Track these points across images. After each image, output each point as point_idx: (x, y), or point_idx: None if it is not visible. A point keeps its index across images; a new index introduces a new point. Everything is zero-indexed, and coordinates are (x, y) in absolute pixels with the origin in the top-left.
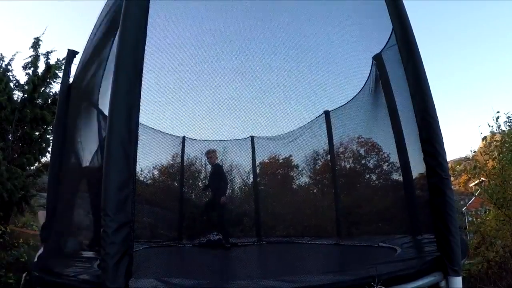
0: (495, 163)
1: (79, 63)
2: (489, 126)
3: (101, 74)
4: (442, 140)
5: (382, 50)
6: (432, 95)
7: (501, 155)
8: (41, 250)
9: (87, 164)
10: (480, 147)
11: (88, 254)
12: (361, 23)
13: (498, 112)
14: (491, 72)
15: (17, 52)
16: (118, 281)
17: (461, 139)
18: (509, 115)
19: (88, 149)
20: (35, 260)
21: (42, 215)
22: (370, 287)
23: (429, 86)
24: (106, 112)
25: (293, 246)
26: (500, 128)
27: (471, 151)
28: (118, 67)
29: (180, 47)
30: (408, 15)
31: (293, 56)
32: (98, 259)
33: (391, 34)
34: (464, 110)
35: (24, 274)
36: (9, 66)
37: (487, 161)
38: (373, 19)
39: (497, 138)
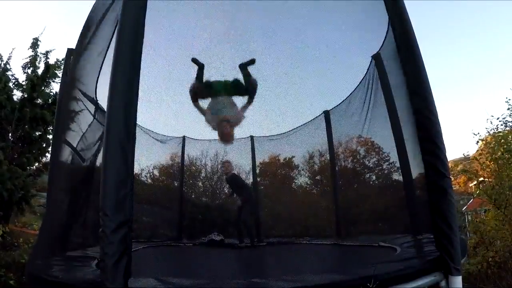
0: (492, 164)
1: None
2: (476, 134)
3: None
4: (442, 137)
5: (380, 48)
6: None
7: (499, 154)
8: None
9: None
10: (479, 149)
11: (87, 253)
12: (360, 21)
13: (492, 116)
14: (491, 68)
15: (13, 49)
16: (117, 281)
17: (461, 139)
18: (504, 117)
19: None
20: (34, 259)
21: None
22: (369, 287)
23: (429, 83)
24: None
25: (292, 245)
26: (497, 129)
27: (464, 154)
28: (116, 65)
29: (180, 46)
30: (408, 13)
31: (292, 56)
32: (96, 258)
33: (387, 33)
34: (464, 108)
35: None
36: (7, 65)
37: (484, 163)
38: (372, 18)
39: (492, 140)
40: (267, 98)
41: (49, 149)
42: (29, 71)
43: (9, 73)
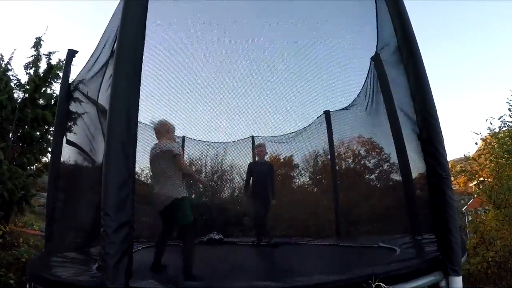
0: (492, 163)
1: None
2: (477, 134)
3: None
4: (443, 140)
5: (379, 50)
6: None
7: (500, 153)
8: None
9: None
10: (479, 149)
11: (88, 253)
12: (360, 22)
13: (492, 117)
14: (492, 66)
15: (14, 49)
16: (118, 280)
17: (461, 139)
18: (502, 116)
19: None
20: (36, 259)
21: None
22: (368, 285)
23: (429, 85)
24: None
25: (292, 246)
26: (499, 130)
27: (464, 155)
28: (118, 67)
29: (180, 47)
30: (408, 14)
31: (292, 57)
32: (97, 261)
33: (385, 34)
34: (464, 106)
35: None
36: (8, 66)
37: (483, 163)
38: (372, 18)
39: (492, 140)
40: (268, 98)
41: (50, 150)
42: (31, 71)
43: (10, 73)
